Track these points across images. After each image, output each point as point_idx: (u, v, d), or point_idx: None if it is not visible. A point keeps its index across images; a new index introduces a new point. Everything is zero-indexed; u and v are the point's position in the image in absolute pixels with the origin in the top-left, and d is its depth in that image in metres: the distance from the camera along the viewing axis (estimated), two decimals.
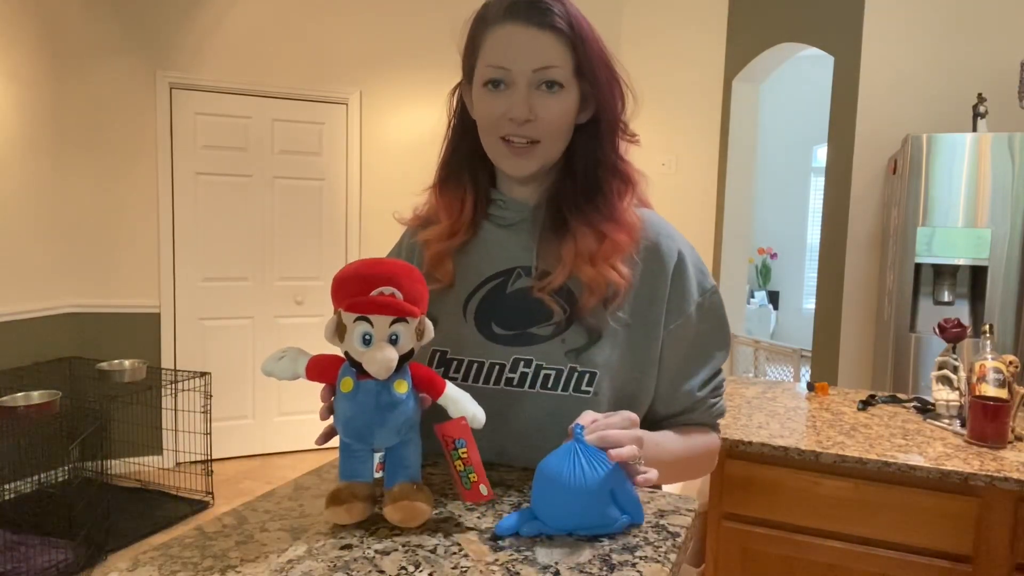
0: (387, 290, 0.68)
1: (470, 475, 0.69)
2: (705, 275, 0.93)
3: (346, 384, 0.69)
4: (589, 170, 0.91)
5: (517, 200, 0.94)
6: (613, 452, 0.67)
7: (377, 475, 0.73)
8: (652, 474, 0.72)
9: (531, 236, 0.92)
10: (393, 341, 0.68)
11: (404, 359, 0.69)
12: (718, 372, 0.94)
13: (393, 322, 0.68)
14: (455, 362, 0.89)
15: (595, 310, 0.86)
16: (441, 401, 0.72)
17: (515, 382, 0.86)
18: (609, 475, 0.66)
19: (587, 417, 0.71)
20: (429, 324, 0.73)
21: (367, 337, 0.67)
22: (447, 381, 0.73)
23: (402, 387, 0.69)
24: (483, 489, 0.69)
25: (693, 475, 0.94)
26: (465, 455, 0.69)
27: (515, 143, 0.86)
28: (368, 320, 0.67)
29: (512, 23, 0.84)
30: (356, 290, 0.68)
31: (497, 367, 0.87)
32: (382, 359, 0.66)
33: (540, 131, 0.86)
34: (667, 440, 0.87)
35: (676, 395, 0.90)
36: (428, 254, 0.94)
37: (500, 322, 0.90)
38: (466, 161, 0.94)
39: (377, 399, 0.68)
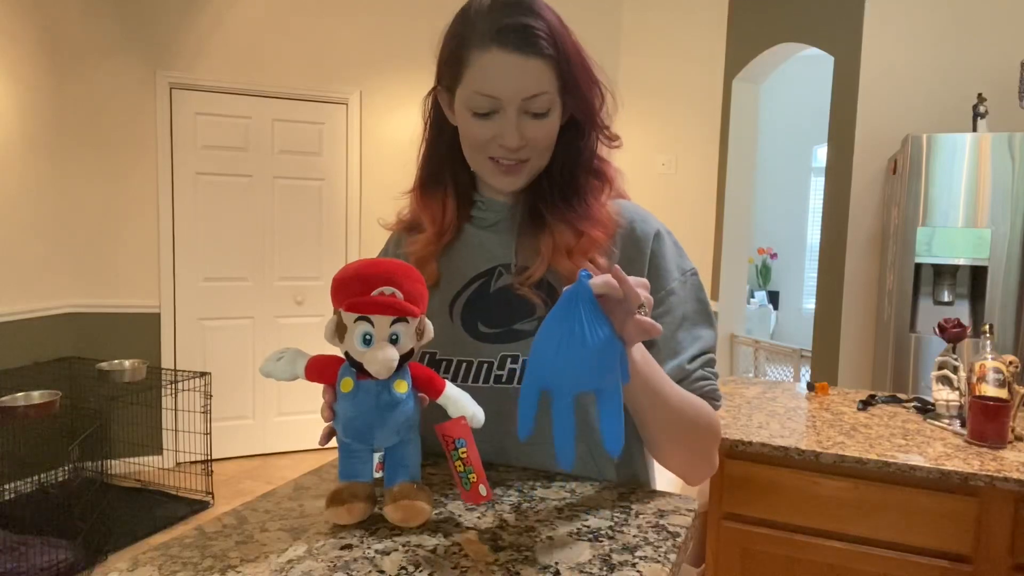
0: (387, 290, 0.68)
1: (470, 475, 0.69)
2: (684, 257, 0.93)
3: (346, 384, 0.69)
4: (566, 169, 0.92)
5: (496, 200, 0.95)
6: (627, 282, 0.65)
7: (377, 475, 0.73)
8: (657, 326, 0.68)
9: (511, 234, 0.93)
10: (393, 341, 0.68)
11: (404, 359, 0.69)
12: (707, 351, 0.91)
13: (394, 322, 0.68)
14: (444, 363, 0.90)
15: None
16: (441, 401, 0.72)
17: (504, 379, 0.87)
18: (611, 337, 0.65)
19: (600, 277, 0.68)
20: (429, 324, 0.73)
21: (368, 337, 0.67)
22: (447, 381, 0.73)
23: (402, 387, 0.69)
24: (482, 490, 0.69)
25: (692, 442, 0.86)
26: (465, 455, 0.69)
27: (504, 162, 0.88)
28: (369, 320, 0.67)
29: (500, 49, 0.82)
30: (356, 290, 0.68)
31: (486, 365, 0.88)
32: (383, 359, 0.66)
33: (530, 152, 0.87)
34: (671, 383, 0.84)
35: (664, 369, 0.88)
36: (413, 259, 0.95)
37: (485, 321, 0.91)
38: (446, 163, 0.95)
39: (377, 399, 0.68)
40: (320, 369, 0.72)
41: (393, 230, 1.04)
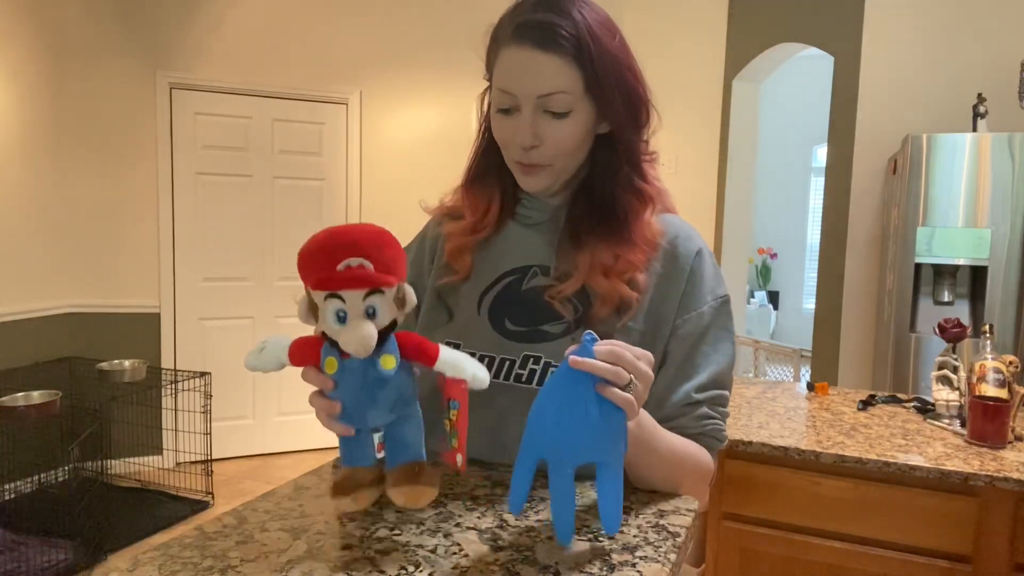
0: (354, 261, 0.63)
1: (452, 440, 0.67)
2: (720, 282, 0.92)
3: (330, 365, 0.65)
4: (605, 188, 0.90)
5: (542, 200, 0.94)
6: (616, 361, 0.64)
7: (380, 455, 0.70)
8: (634, 408, 0.67)
9: (552, 236, 0.92)
10: (371, 315, 0.63)
11: (387, 332, 0.65)
12: (720, 385, 0.89)
13: (367, 295, 0.63)
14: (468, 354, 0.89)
15: (607, 320, 0.85)
16: (437, 367, 0.67)
17: (524, 378, 0.86)
18: (614, 406, 0.63)
19: (604, 343, 0.66)
20: (410, 290, 0.67)
21: (341, 314, 0.63)
22: (441, 345, 0.68)
23: (389, 362, 0.65)
24: (459, 459, 0.66)
25: (680, 487, 0.83)
26: (454, 417, 0.66)
27: (524, 162, 0.87)
28: (339, 296, 0.63)
29: (519, 46, 0.82)
30: (321, 264, 0.63)
31: (508, 363, 0.87)
32: (358, 338, 0.62)
33: (547, 155, 0.85)
34: (666, 432, 0.83)
35: (671, 396, 0.87)
36: (449, 247, 0.95)
37: (513, 318, 0.90)
38: (494, 164, 0.94)
39: (364, 377, 0.64)
40: (303, 352, 0.67)
41: (434, 215, 1.02)
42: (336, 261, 0.63)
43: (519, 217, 0.96)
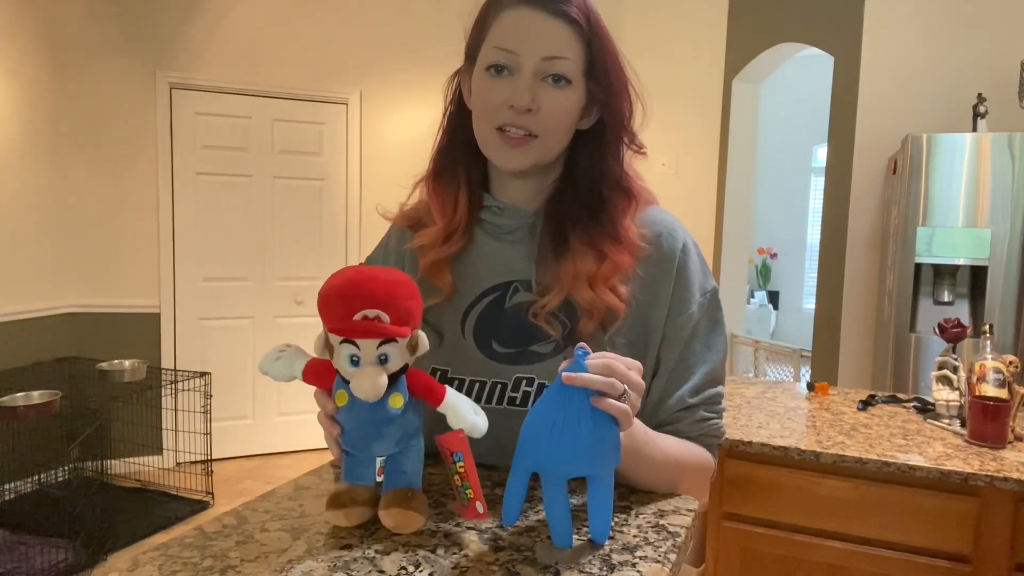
0: (371, 313, 0.65)
1: (467, 491, 0.67)
2: (707, 274, 0.90)
3: (341, 397, 0.67)
4: (593, 184, 0.87)
5: (513, 207, 0.90)
6: (609, 373, 0.64)
7: (379, 479, 0.72)
8: (630, 418, 0.66)
9: (529, 248, 0.88)
10: (383, 361, 0.66)
11: (398, 375, 0.67)
12: (715, 382, 0.87)
13: (381, 343, 0.65)
14: (456, 381, 0.86)
15: (594, 336, 0.83)
16: (441, 409, 0.69)
17: (518, 401, 0.84)
18: (607, 421, 0.64)
19: (596, 356, 0.66)
20: (423, 337, 0.70)
21: (354, 359, 0.65)
22: (447, 388, 0.70)
23: (397, 401, 0.67)
24: (479, 507, 0.67)
25: (677, 488, 0.82)
26: (462, 470, 0.67)
27: (511, 134, 0.82)
28: (354, 343, 0.65)
29: (527, 7, 0.80)
30: (339, 312, 0.65)
31: (500, 386, 0.85)
32: (369, 385, 0.64)
33: (540, 125, 0.82)
34: (659, 436, 0.82)
35: (667, 401, 0.86)
36: (424, 262, 0.89)
37: (500, 340, 0.87)
38: (461, 153, 0.90)
39: (372, 414, 0.67)
40: (317, 374, 0.70)
41: (395, 223, 0.98)
42: (353, 311, 0.65)
43: (487, 226, 0.91)
